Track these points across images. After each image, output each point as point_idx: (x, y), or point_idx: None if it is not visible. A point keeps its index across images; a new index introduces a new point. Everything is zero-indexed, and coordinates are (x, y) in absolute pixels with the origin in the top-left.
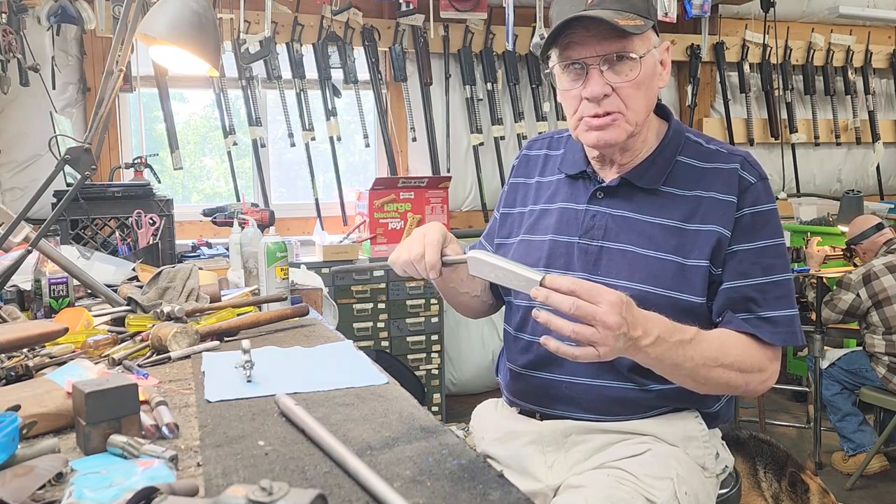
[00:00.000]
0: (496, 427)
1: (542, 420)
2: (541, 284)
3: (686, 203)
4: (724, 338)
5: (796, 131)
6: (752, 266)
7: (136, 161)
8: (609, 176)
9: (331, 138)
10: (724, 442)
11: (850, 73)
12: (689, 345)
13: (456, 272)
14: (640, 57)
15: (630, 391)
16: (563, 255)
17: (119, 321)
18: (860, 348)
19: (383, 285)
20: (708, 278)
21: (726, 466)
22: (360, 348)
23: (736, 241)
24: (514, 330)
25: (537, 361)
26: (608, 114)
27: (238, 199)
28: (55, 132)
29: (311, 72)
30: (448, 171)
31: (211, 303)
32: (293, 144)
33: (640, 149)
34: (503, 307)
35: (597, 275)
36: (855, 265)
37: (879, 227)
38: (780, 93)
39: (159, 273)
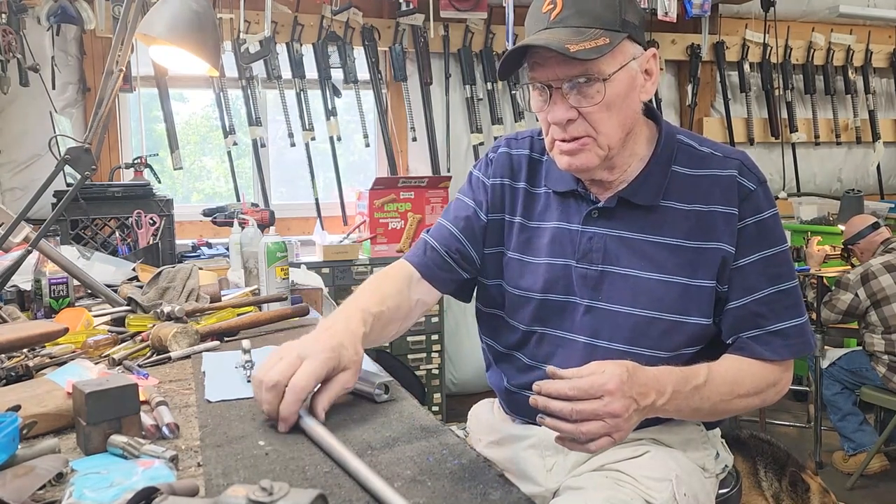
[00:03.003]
0: (493, 430)
1: (540, 424)
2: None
3: (686, 219)
4: (736, 366)
5: (797, 131)
6: (758, 278)
7: (136, 161)
8: (602, 194)
9: (331, 138)
10: (723, 441)
11: (850, 72)
12: (704, 388)
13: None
14: (608, 77)
15: None
16: (562, 280)
17: (119, 321)
18: (860, 348)
19: None
20: (714, 296)
21: (726, 466)
22: None
23: (741, 255)
24: (508, 348)
25: (536, 381)
26: (576, 139)
27: (238, 199)
28: (55, 132)
29: (311, 72)
30: (448, 170)
31: (211, 303)
32: (293, 144)
33: (628, 162)
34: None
35: (598, 300)
36: (853, 265)
37: (875, 226)
38: (781, 92)
39: (159, 273)
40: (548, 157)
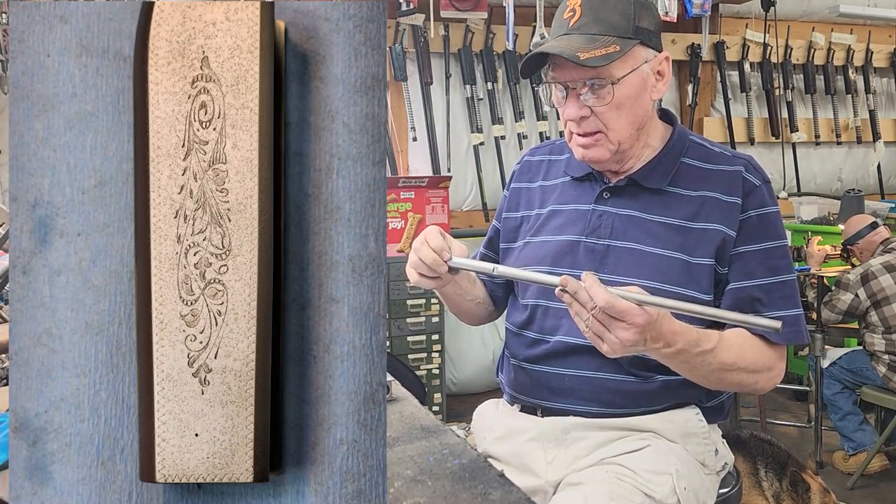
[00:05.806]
0: (497, 425)
1: (542, 417)
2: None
3: (691, 203)
4: (741, 341)
5: (797, 130)
6: (758, 266)
7: None
8: (615, 178)
9: None
10: (724, 440)
11: (850, 72)
12: (709, 354)
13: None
14: (618, 80)
15: (632, 383)
16: (569, 254)
17: None
18: (861, 347)
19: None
20: (714, 277)
21: (726, 464)
22: None
23: (742, 243)
24: (519, 327)
25: (541, 355)
26: (590, 134)
27: None
28: None
29: None
30: (448, 170)
31: None
32: None
33: (641, 154)
34: (503, 314)
35: (603, 273)
36: (853, 265)
37: (874, 225)
38: (781, 92)
39: None
40: (568, 153)
